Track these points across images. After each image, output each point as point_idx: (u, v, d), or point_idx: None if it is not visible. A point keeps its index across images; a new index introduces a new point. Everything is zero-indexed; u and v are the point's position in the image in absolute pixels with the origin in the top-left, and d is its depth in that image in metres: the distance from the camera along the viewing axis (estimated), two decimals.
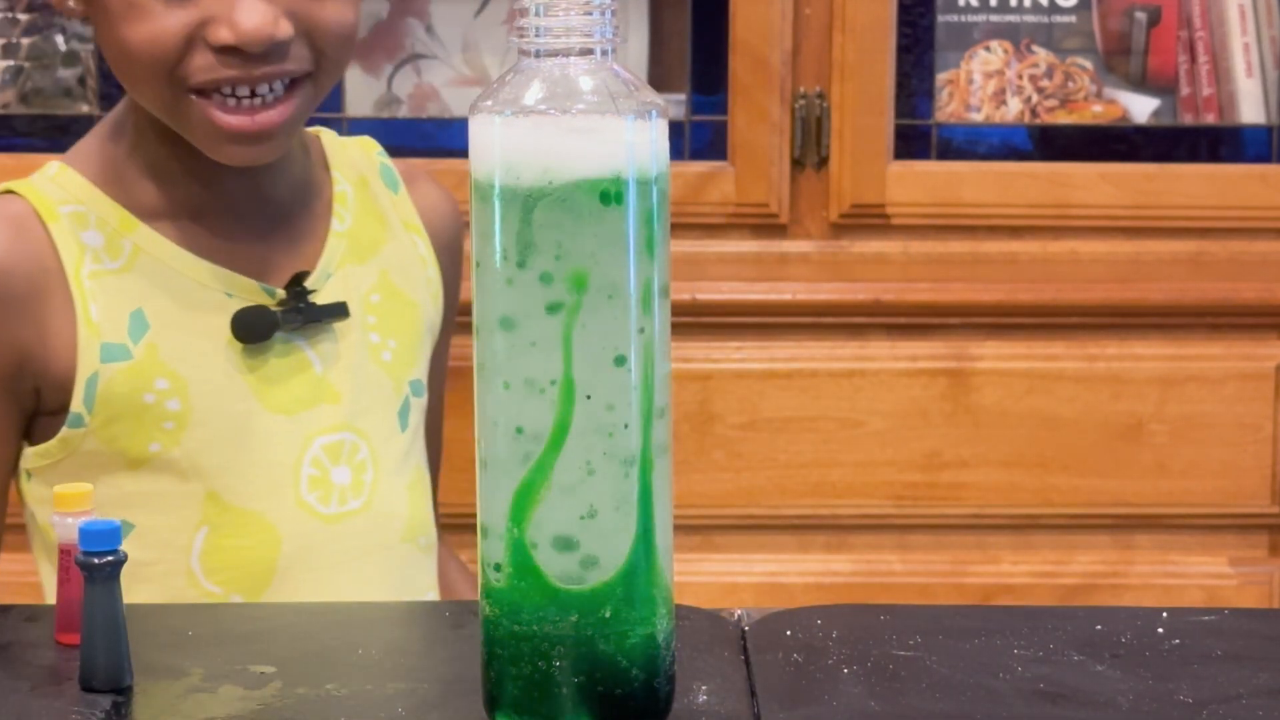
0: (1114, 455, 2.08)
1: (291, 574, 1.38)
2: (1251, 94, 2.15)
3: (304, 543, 1.38)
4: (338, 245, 1.43)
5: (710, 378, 2.06)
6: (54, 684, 1.03)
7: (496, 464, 0.92)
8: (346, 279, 1.42)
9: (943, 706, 1.00)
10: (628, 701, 0.93)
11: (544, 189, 0.90)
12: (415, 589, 1.45)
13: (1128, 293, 2.08)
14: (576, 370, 0.91)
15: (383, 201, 1.49)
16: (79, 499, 1.08)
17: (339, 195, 1.46)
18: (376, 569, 1.41)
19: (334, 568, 1.40)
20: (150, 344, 1.35)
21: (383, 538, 1.42)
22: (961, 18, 2.15)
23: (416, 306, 1.47)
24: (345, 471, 1.40)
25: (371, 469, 1.41)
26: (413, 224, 1.50)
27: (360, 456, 1.41)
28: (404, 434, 1.45)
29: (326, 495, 1.39)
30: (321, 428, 1.40)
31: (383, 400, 1.43)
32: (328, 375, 1.40)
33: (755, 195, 2.08)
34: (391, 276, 1.46)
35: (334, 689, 1.02)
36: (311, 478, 1.39)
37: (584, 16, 0.92)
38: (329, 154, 1.48)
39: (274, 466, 1.38)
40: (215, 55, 1.31)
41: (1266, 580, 2.10)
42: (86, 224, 1.36)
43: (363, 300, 1.43)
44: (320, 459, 1.40)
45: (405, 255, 1.48)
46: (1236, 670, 1.05)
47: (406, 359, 1.46)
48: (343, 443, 1.40)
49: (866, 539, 2.10)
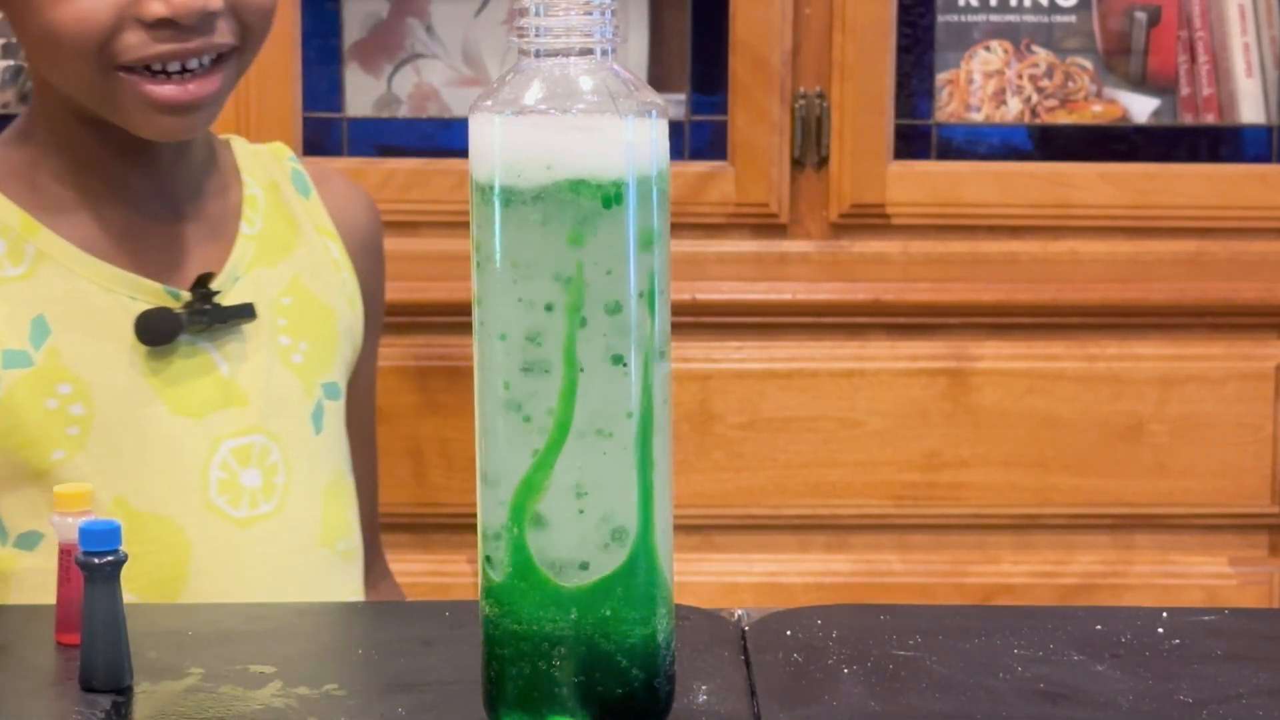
0: (1114, 455, 2.08)
1: (204, 578, 1.36)
2: (1251, 94, 2.15)
3: (215, 546, 1.37)
4: (247, 248, 1.42)
5: (710, 378, 2.06)
6: (54, 684, 1.03)
7: (497, 464, 0.93)
8: (256, 282, 1.41)
9: (943, 706, 1.00)
10: (628, 701, 0.93)
11: (544, 189, 0.90)
12: (334, 595, 1.43)
13: (1128, 293, 2.08)
14: (576, 370, 0.91)
15: (294, 206, 1.48)
16: (79, 499, 1.08)
17: (249, 199, 1.45)
18: (291, 573, 1.40)
19: (248, 572, 1.38)
20: (52, 349, 1.34)
21: (297, 541, 1.40)
22: (961, 18, 2.15)
23: (331, 310, 1.46)
24: (255, 474, 1.39)
25: (283, 472, 1.40)
26: (325, 228, 1.49)
27: (271, 459, 1.40)
28: (319, 437, 1.43)
29: (236, 498, 1.38)
30: (229, 431, 1.38)
31: (294, 403, 1.42)
32: (235, 378, 1.39)
33: (755, 195, 2.08)
34: (304, 280, 1.45)
35: (334, 689, 1.02)
36: (220, 481, 1.38)
37: (584, 16, 0.92)
38: (240, 159, 1.48)
39: (180, 470, 1.36)
40: (147, 31, 1.32)
41: (1266, 580, 2.10)
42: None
43: (273, 303, 1.42)
44: (229, 462, 1.38)
45: (318, 259, 1.47)
46: (1236, 670, 1.05)
47: (319, 362, 1.44)
48: (252, 445, 1.39)
49: (866, 539, 2.10)
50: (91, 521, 1.02)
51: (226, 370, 1.39)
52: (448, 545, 2.02)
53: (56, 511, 1.08)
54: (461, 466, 1.98)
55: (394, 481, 2.00)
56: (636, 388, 0.92)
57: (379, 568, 1.58)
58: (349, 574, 1.45)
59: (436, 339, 2.01)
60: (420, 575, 2.01)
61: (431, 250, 2.06)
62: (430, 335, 2.01)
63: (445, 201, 2.06)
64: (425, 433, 2.01)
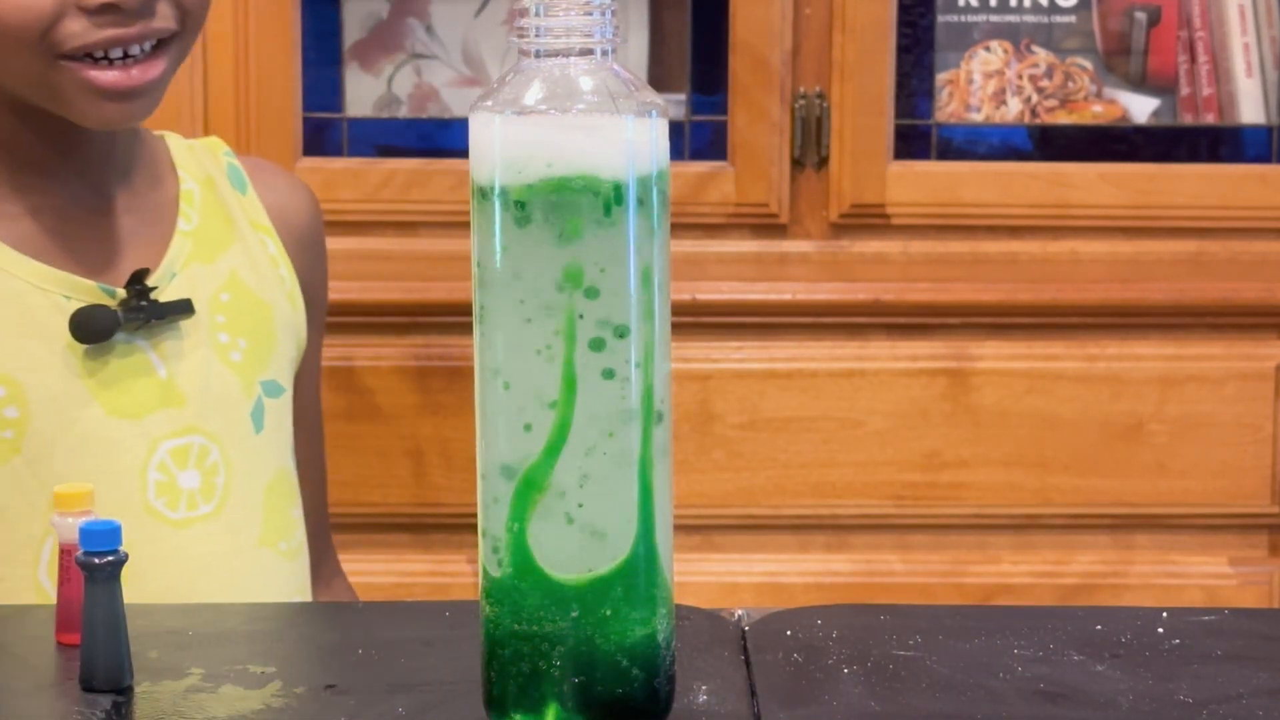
0: (1114, 455, 2.08)
1: (143, 581, 1.32)
2: (1251, 94, 2.15)
3: (153, 549, 1.35)
4: (183, 245, 1.41)
5: (710, 378, 2.06)
6: (54, 684, 1.03)
7: (497, 464, 0.93)
8: (193, 278, 1.40)
9: (943, 706, 1.00)
10: (628, 701, 0.93)
11: (544, 188, 0.90)
12: (274, 595, 1.41)
13: (1128, 293, 2.08)
14: (576, 370, 0.91)
15: (230, 202, 1.47)
16: (79, 499, 1.08)
17: (185, 194, 1.44)
18: (232, 574, 1.38)
19: (188, 574, 1.36)
20: None
21: (237, 542, 1.39)
22: (961, 18, 2.15)
23: (269, 307, 1.45)
24: (194, 476, 1.37)
25: (223, 472, 1.38)
26: (261, 224, 1.48)
27: (211, 460, 1.38)
28: (259, 436, 1.41)
29: (174, 500, 1.37)
30: (167, 431, 1.37)
31: (233, 401, 1.40)
32: (173, 377, 1.37)
33: (755, 195, 2.08)
34: (241, 276, 1.44)
35: (334, 689, 1.02)
36: (158, 483, 1.36)
37: (584, 16, 0.92)
38: (175, 155, 1.46)
39: (118, 472, 1.35)
40: (88, 17, 1.31)
41: (1266, 580, 2.10)
42: None
43: (211, 300, 1.41)
44: (167, 463, 1.37)
45: (255, 255, 1.46)
46: (1236, 670, 1.05)
47: (258, 359, 1.43)
48: (190, 446, 1.38)
49: (866, 539, 2.10)
50: (92, 521, 1.02)
51: (164, 369, 1.37)
52: (448, 545, 2.02)
53: (56, 511, 1.08)
54: (461, 466, 1.98)
55: (394, 481, 2.00)
56: (637, 388, 0.92)
57: (329, 567, 1.57)
58: (293, 573, 1.43)
59: (436, 339, 2.01)
60: (420, 575, 2.01)
61: (431, 250, 2.06)
62: (430, 335, 2.01)
63: (445, 201, 2.06)
64: (425, 433, 2.01)
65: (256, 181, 1.49)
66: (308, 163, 2.06)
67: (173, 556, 1.36)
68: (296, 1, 2.04)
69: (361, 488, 2.00)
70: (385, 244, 2.07)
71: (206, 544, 1.38)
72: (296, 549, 1.44)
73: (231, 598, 1.37)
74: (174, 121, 2.04)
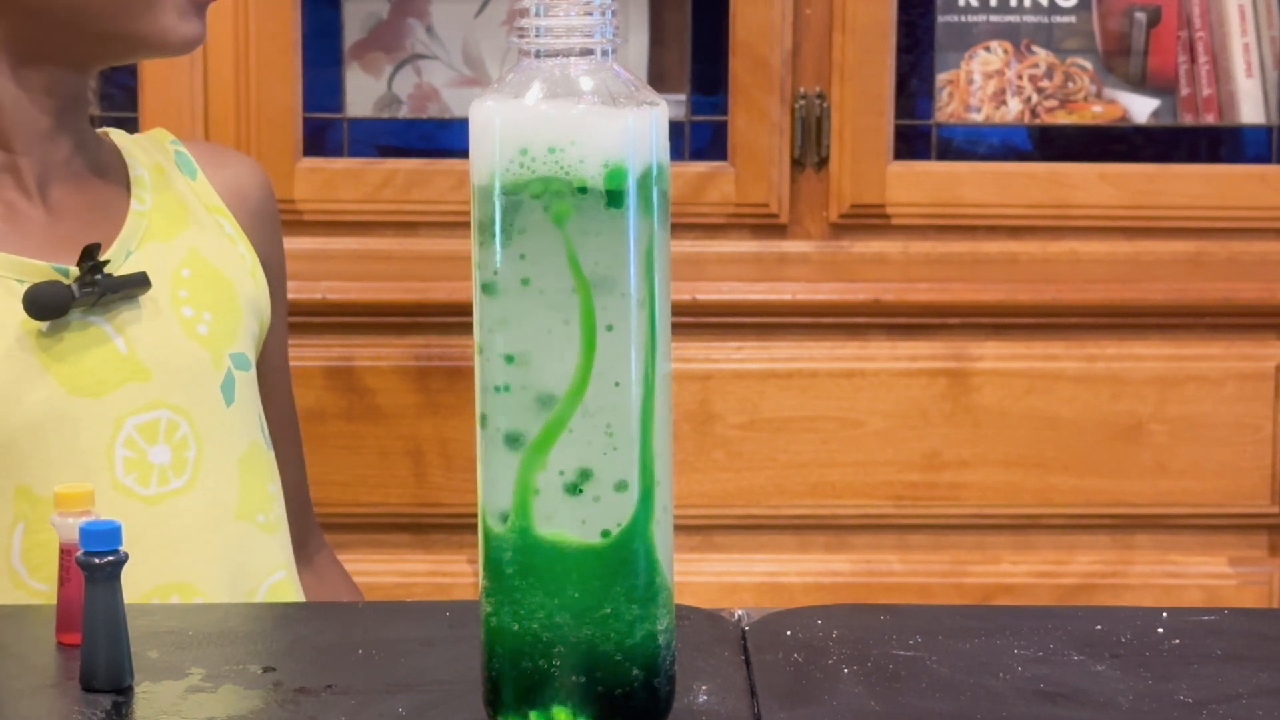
0: (1114, 455, 2.08)
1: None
2: (1251, 94, 2.15)
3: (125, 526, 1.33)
4: (138, 223, 1.41)
5: (710, 378, 2.06)
6: (54, 684, 1.03)
7: (496, 464, 0.93)
8: (150, 255, 1.40)
9: (943, 706, 1.00)
10: (628, 701, 0.93)
11: (544, 188, 0.90)
12: (255, 569, 1.41)
13: (1128, 293, 2.08)
14: (576, 371, 0.91)
15: (180, 187, 1.47)
16: (79, 499, 1.08)
17: (136, 179, 1.45)
18: (209, 548, 1.38)
19: (163, 550, 1.36)
20: None
21: (212, 516, 1.38)
22: (961, 18, 2.15)
23: (231, 282, 1.45)
24: (164, 450, 1.37)
25: (194, 445, 1.38)
26: (215, 206, 1.48)
27: (180, 434, 1.38)
28: (230, 408, 1.41)
29: (145, 476, 1.36)
30: (133, 407, 1.36)
31: (201, 375, 1.40)
32: (135, 353, 1.37)
33: (755, 195, 2.08)
34: (203, 253, 1.44)
35: (334, 689, 1.02)
36: (126, 459, 1.35)
37: (584, 17, 0.92)
38: (122, 146, 1.47)
39: (83, 452, 1.34)
40: None
41: (1266, 580, 2.10)
42: None
43: (171, 275, 1.41)
44: (135, 439, 1.36)
45: (212, 236, 1.46)
46: (1236, 670, 1.05)
47: (225, 332, 1.42)
48: (158, 421, 1.37)
49: (866, 539, 2.10)
50: (92, 521, 1.02)
51: (123, 345, 1.37)
52: (448, 545, 2.02)
53: (56, 511, 1.08)
54: (461, 466, 1.98)
55: (394, 481, 2.00)
56: (636, 388, 0.92)
57: (315, 540, 1.57)
58: (273, 547, 1.42)
59: (436, 339, 2.01)
60: (420, 575, 2.01)
61: (431, 250, 2.06)
62: (430, 335, 2.01)
63: (445, 202, 2.06)
64: (425, 433, 2.01)
65: (205, 164, 1.50)
66: (308, 163, 2.06)
67: (148, 533, 1.35)
68: (296, 2, 2.04)
69: (361, 488, 2.00)
70: (385, 244, 2.07)
71: (181, 519, 1.37)
72: (275, 522, 1.43)
73: (211, 572, 1.37)
74: (174, 121, 2.04)
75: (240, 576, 1.39)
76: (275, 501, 1.43)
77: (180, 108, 2.06)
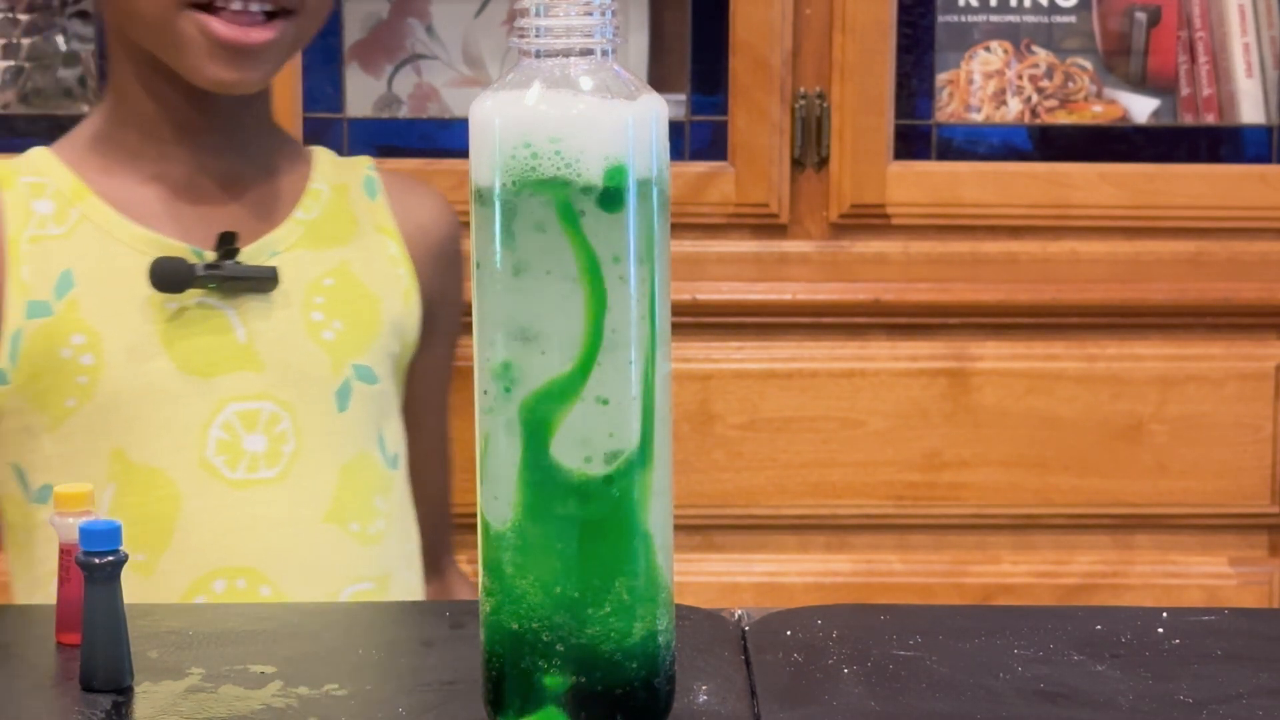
0: (1114, 455, 2.08)
1: (192, 534, 1.39)
2: (1251, 94, 2.15)
3: (205, 503, 1.39)
4: (293, 230, 1.46)
5: (710, 378, 2.06)
6: (54, 684, 1.03)
7: (496, 463, 0.93)
8: (296, 261, 1.44)
9: (943, 706, 1.00)
10: (628, 701, 0.93)
11: (544, 188, 0.90)
12: (338, 574, 1.44)
13: (1128, 293, 2.08)
14: (575, 372, 0.91)
15: (358, 206, 1.52)
16: (79, 499, 1.08)
17: (312, 192, 1.50)
18: (286, 543, 1.41)
19: (239, 534, 1.40)
20: (71, 301, 1.39)
21: (299, 512, 1.42)
22: (961, 18, 2.15)
23: (377, 299, 1.49)
24: (260, 440, 1.41)
25: (293, 441, 1.42)
26: (386, 227, 1.52)
27: (281, 428, 1.42)
28: (343, 415, 1.45)
29: (234, 460, 1.40)
30: (238, 394, 1.41)
31: (316, 377, 1.44)
32: (253, 344, 1.41)
33: (755, 195, 2.08)
34: (353, 268, 1.48)
35: (334, 689, 1.02)
36: (220, 441, 1.40)
37: (584, 17, 0.92)
38: (316, 160, 1.53)
39: (179, 426, 1.39)
40: None
41: (1266, 580, 2.10)
42: (41, 194, 1.42)
43: (312, 282, 1.45)
44: (233, 424, 1.40)
45: (373, 253, 1.50)
46: (1236, 670, 1.05)
47: (354, 343, 1.46)
48: (260, 411, 1.41)
49: (866, 539, 2.10)
50: (91, 521, 1.02)
51: (244, 334, 1.42)
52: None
53: (56, 511, 1.08)
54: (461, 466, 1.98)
55: None
56: (636, 389, 0.92)
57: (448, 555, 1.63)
58: (366, 557, 1.45)
59: None
60: None
61: None
62: None
63: None
64: None
65: (391, 189, 1.55)
66: None
67: (225, 514, 1.40)
68: None
69: None
70: None
71: (262, 508, 1.41)
72: (376, 535, 1.46)
73: (283, 565, 1.40)
74: None
75: (318, 577, 1.42)
76: (382, 516, 1.46)
77: None
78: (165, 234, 1.42)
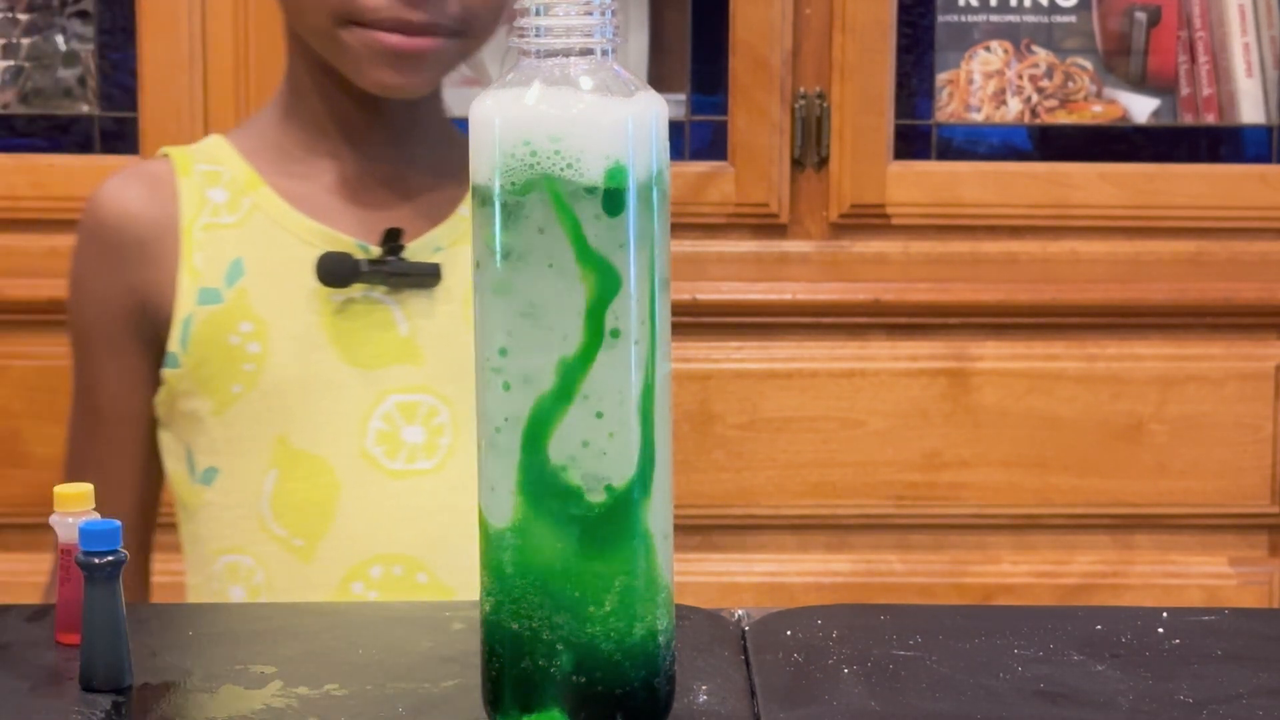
0: (1114, 455, 2.08)
1: (350, 522, 1.42)
2: (1251, 94, 2.15)
3: (365, 492, 1.42)
4: (458, 226, 1.48)
5: (710, 378, 2.06)
6: (54, 684, 1.03)
7: (495, 463, 0.93)
8: (459, 257, 1.47)
9: (943, 706, 1.00)
10: (627, 701, 0.93)
11: (544, 188, 0.90)
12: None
13: (1128, 293, 2.08)
14: (575, 371, 0.91)
15: None
16: (79, 499, 1.08)
17: None
18: (443, 531, 1.43)
19: (397, 523, 1.43)
20: (241, 289, 1.43)
21: (454, 502, 1.44)
22: (961, 18, 2.15)
23: None
24: (419, 431, 1.44)
25: (450, 434, 1.44)
26: None
27: (439, 420, 1.44)
28: None
29: (394, 450, 1.43)
30: (399, 386, 1.43)
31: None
32: (415, 337, 1.44)
33: (755, 195, 2.08)
34: None
35: (334, 689, 1.02)
36: (380, 432, 1.43)
37: (584, 17, 0.92)
38: None
39: (341, 416, 1.43)
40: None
41: (1266, 580, 2.10)
42: (216, 182, 1.46)
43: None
44: (393, 415, 1.43)
45: None
46: (1236, 670, 1.05)
47: None
48: (419, 404, 1.44)
49: (867, 539, 2.10)
50: (92, 521, 1.02)
51: (406, 328, 1.44)
52: None
53: (56, 511, 1.08)
54: None
55: None
56: (636, 389, 0.92)
57: None
58: None
59: None
60: None
61: None
62: None
63: None
64: None
65: None
66: None
67: (383, 503, 1.42)
68: None
69: None
70: None
71: (421, 498, 1.43)
72: None
73: (440, 554, 1.42)
74: (174, 121, 2.04)
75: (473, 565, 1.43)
76: None
77: (180, 108, 2.06)
78: (334, 228, 1.45)
